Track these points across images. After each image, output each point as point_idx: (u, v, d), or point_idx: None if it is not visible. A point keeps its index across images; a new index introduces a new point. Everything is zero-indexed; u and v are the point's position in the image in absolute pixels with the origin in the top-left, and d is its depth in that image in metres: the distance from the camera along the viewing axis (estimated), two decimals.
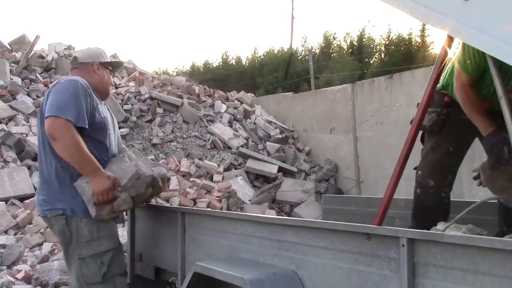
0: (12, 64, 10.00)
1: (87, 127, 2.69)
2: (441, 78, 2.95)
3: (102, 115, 2.88)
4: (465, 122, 2.87)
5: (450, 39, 2.06)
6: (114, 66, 3.27)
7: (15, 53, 10.61)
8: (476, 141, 3.01)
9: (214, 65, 43.52)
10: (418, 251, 1.69)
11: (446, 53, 2.19)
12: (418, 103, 2.71)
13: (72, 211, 2.69)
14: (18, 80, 9.42)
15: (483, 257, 1.50)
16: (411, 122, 2.87)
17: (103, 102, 3.08)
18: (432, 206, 2.95)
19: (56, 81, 2.93)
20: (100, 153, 2.80)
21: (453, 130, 2.92)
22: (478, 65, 2.58)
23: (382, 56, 35.88)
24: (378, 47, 37.03)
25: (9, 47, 11.18)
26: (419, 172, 3.03)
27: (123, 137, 8.85)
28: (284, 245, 2.24)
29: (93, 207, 2.65)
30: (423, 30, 32.02)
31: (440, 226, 2.29)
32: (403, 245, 1.70)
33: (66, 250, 2.76)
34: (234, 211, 7.06)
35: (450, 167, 2.98)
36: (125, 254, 5.38)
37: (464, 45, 2.52)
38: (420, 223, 2.85)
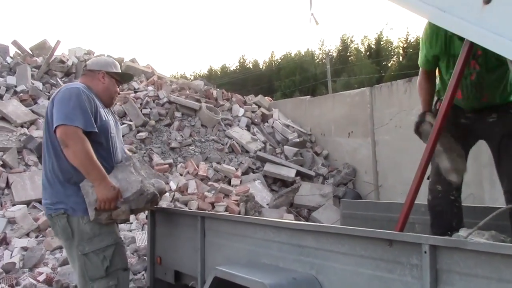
0: (34, 69, 10.15)
1: (96, 131, 2.85)
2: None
3: (104, 118, 2.98)
4: (463, 124, 2.90)
5: (470, 44, 2.04)
6: (122, 77, 3.37)
7: (36, 58, 10.77)
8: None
9: (231, 68, 43.64)
10: (440, 258, 1.68)
11: (466, 58, 2.17)
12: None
13: (73, 210, 2.81)
14: (39, 84, 9.56)
15: (507, 265, 1.49)
16: (415, 129, 2.92)
17: (108, 111, 3.19)
18: (443, 211, 2.94)
19: (58, 89, 3.03)
20: (102, 157, 2.88)
21: (452, 134, 2.93)
22: (425, 58, 3.10)
23: (400, 59, 35.62)
24: (396, 50, 36.77)
25: (30, 52, 11.36)
26: (429, 179, 3.05)
27: (142, 141, 8.93)
28: (304, 250, 2.24)
29: (93, 211, 2.77)
30: None
31: (463, 232, 2.27)
32: (425, 252, 1.69)
33: (69, 247, 2.86)
34: (252, 215, 7.06)
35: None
36: (144, 257, 5.45)
37: (421, 41, 3.03)
38: (438, 231, 2.83)
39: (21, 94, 8.99)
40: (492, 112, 2.93)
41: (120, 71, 3.32)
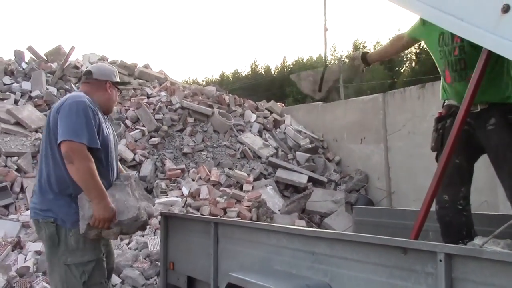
0: (48, 75, 10.28)
1: (99, 147, 2.88)
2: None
3: (105, 133, 3.00)
4: (467, 131, 2.86)
5: (488, 52, 2.03)
6: (121, 85, 3.47)
7: (51, 64, 10.90)
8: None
9: (243, 74, 43.72)
10: (456, 266, 1.67)
11: (484, 67, 2.16)
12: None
13: (62, 221, 2.83)
14: (53, 90, 9.67)
15: None
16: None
17: (106, 119, 3.19)
18: (452, 221, 2.91)
19: (63, 100, 3.00)
20: (101, 175, 2.87)
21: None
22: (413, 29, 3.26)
23: (413, 64, 35.46)
24: (408, 55, 36.62)
25: (45, 58, 11.50)
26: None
27: (155, 146, 8.98)
28: (318, 257, 2.24)
29: (85, 225, 2.79)
30: None
31: (478, 240, 2.26)
32: (440, 260, 1.68)
33: (51, 254, 2.87)
34: (264, 221, 7.06)
35: (461, 179, 2.94)
36: (157, 262, 5.47)
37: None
38: (448, 240, 2.81)
39: (36, 99, 9.10)
40: (491, 117, 2.87)
41: (120, 81, 3.36)
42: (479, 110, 2.86)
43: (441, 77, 3.15)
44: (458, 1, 1.69)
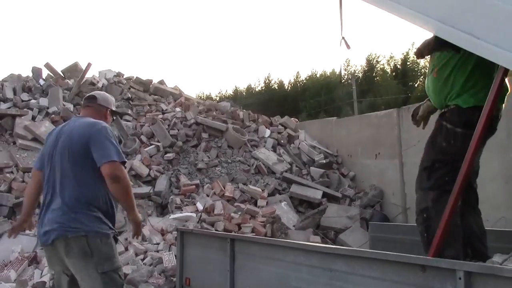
0: (65, 91, 10.42)
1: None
2: None
3: None
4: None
5: (505, 71, 2.03)
6: (116, 115, 3.72)
7: (68, 80, 11.06)
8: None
9: (257, 89, 43.90)
10: (475, 284, 1.65)
11: (501, 83, 2.17)
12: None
13: (95, 233, 2.99)
14: (70, 106, 9.79)
15: None
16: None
17: None
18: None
19: (83, 123, 3.23)
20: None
21: None
22: None
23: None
24: (422, 70, 36.52)
25: (62, 74, 11.66)
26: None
27: (170, 161, 9.03)
28: (335, 274, 2.23)
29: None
30: None
31: (497, 258, 2.23)
32: (460, 278, 1.67)
33: (86, 266, 2.97)
34: (278, 236, 7.03)
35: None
36: (172, 278, 5.47)
37: None
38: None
39: (53, 115, 9.22)
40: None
41: (115, 109, 3.63)
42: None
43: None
44: (474, 20, 1.70)
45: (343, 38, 3.22)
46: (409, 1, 2.10)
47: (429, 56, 3.11)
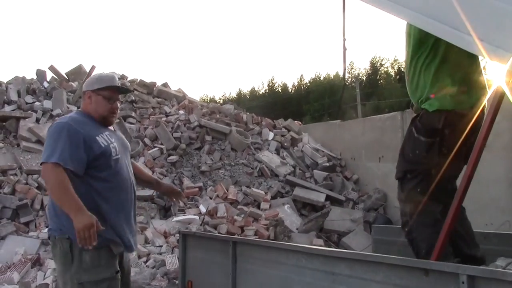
0: (69, 93, 10.45)
1: (75, 169, 2.73)
2: None
3: (102, 145, 2.87)
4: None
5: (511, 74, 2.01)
6: (112, 91, 3.04)
7: (72, 83, 11.09)
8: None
9: (261, 92, 43.92)
10: None
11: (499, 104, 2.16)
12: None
13: (75, 239, 2.66)
14: (74, 108, 9.83)
15: None
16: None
17: (114, 129, 3.12)
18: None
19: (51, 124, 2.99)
20: (104, 189, 2.85)
21: None
22: None
23: None
24: None
25: (66, 77, 11.70)
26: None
27: (173, 164, 9.03)
28: (338, 278, 2.22)
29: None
30: None
31: (500, 262, 2.22)
32: (463, 282, 1.66)
33: (64, 272, 2.79)
34: (282, 239, 7.02)
35: (439, 197, 2.83)
36: (174, 280, 5.47)
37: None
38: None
39: (57, 117, 9.24)
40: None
41: (106, 85, 3.02)
42: None
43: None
44: (485, 25, 1.69)
45: (344, 40, 3.23)
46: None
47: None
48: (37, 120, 9.14)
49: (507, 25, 1.62)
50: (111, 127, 3.14)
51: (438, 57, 2.76)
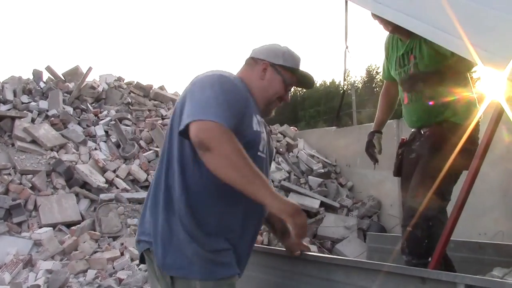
0: (65, 94, 10.41)
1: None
2: None
3: (255, 128, 2.06)
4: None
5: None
6: (299, 78, 2.34)
7: (68, 84, 11.05)
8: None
9: None
10: None
11: (497, 121, 2.18)
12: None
13: (193, 273, 1.93)
14: (70, 109, 9.79)
15: None
16: (366, 149, 3.15)
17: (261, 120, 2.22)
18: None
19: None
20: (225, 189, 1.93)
21: (407, 168, 3.08)
22: (385, 69, 3.44)
23: None
24: None
25: (63, 78, 11.66)
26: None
27: None
28: (333, 285, 2.21)
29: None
30: None
31: (497, 272, 2.22)
32: None
33: None
34: (275, 245, 7.00)
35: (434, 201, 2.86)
36: None
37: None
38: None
39: (52, 118, 9.20)
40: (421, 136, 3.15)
41: (294, 66, 2.29)
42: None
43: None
44: (481, 32, 1.69)
45: (347, 47, 3.30)
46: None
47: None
48: (33, 120, 9.09)
49: (503, 31, 1.62)
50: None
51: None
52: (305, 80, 2.36)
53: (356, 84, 38.08)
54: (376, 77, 39.15)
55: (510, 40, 1.55)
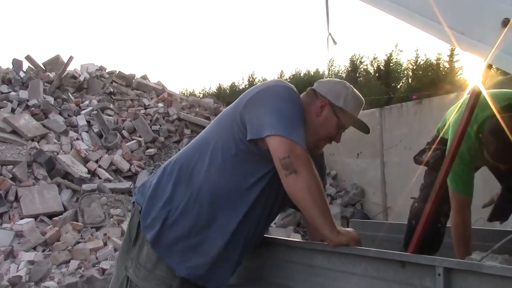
0: (46, 84, 10.29)
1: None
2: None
3: None
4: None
5: (488, 68, 2.03)
6: (354, 123, 2.29)
7: (49, 73, 10.92)
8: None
9: (241, 87, 43.84)
10: (455, 281, 1.65)
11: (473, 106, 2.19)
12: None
13: (175, 263, 2.07)
14: (51, 99, 9.68)
15: None
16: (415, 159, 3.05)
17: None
18: (427, 237, 2.89)
19: (256, 87, 2.25)
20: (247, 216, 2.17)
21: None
22: (466, 183, 2.91)
23: (410, 81, 35.67)
24: (405, 71, 36.85)
25: (43, 67, 11.51)
26: (415, 204, 3.08)
27: (151, 157, 8.96)
28: (315, 270, 2.22)
29: None
30: (451, 55, 31.84)
31: (475, 255, 2.24)
32: (439, 274, 1.67)
33: (127, 253, 2.20)
34: None
35: (446, 197, 2.92)
36: None
37: (455, 164, 2.39)
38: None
39: (33, 108, 9.10)
40: None
41: (353, 112, 2.24)
42: None
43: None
44: (459, 15, 1.69)
45: (330, 34, 3.23)
46: None
47: None
48: (13, 110, 8.98)
49: (487, 18, 1.63)
50: None
51: None
52: (360, 128, 2.34)
53: (340, 74, 38.16)
54: (360, 67, 39.26)
55: (488, 23, 1.56)
